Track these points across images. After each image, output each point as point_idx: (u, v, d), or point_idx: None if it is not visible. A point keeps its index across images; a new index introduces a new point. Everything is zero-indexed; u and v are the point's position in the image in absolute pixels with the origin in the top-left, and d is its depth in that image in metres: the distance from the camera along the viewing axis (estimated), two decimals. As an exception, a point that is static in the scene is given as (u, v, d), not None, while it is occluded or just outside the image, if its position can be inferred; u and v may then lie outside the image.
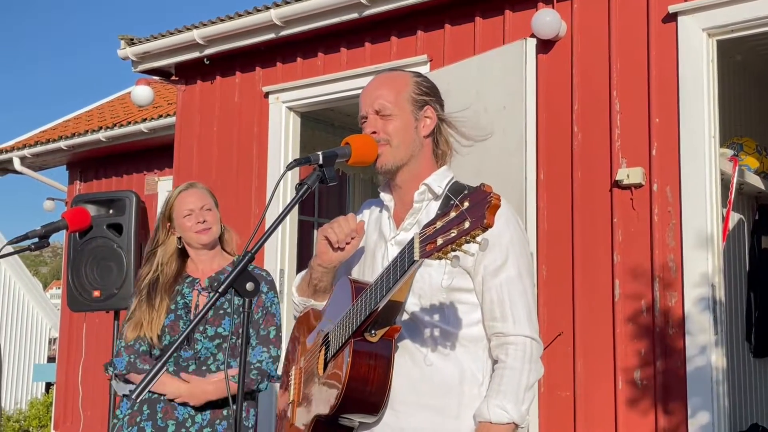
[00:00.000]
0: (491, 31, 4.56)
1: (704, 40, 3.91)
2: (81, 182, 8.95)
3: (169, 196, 2.93)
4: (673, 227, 3.86)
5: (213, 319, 2.82)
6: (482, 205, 1.45)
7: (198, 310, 2.84)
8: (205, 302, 1.72)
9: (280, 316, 2.92)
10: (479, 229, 1.45)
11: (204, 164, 5.83)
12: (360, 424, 1.87)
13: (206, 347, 2.81)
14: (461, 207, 1.49)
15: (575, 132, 4.20)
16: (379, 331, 1.76)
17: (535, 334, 1.87)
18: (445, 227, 1.51)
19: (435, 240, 1.52)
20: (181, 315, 2.83)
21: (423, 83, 2.00)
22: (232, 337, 2.82)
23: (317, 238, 1.99)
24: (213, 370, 2.81)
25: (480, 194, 1.48)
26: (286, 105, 5.46)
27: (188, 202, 2.86)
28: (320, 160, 1.83)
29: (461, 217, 1.48)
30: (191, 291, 2.87)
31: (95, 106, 10.54)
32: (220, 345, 2.81)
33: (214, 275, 2.90)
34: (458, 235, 1.47)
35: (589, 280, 4.07)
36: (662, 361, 3.82)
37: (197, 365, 2.81)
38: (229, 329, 2.81)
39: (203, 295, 2.86)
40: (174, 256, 2.89)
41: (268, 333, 2.86)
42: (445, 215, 1.52)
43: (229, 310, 2.83)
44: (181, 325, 2.81)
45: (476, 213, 1.46)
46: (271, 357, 2.83)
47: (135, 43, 5.92)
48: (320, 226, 6.65)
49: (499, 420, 1.79)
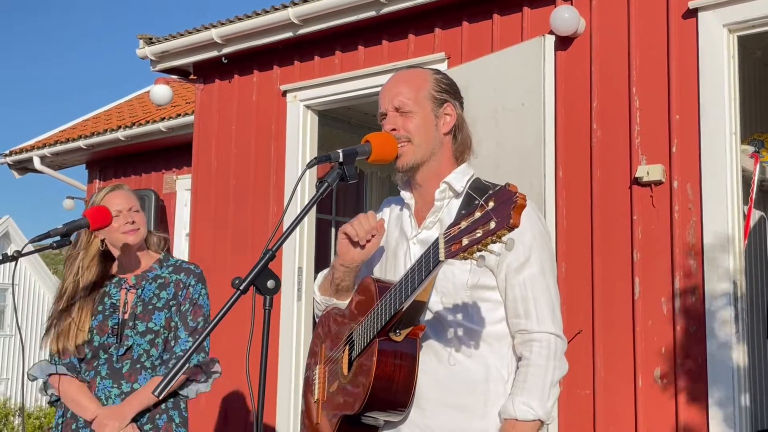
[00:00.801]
0: (509, 29, 4.54)
1: (724, 36, 3.88)
2: (100, 181, 9.01)
3: (93, 199, 2.89)
4: (693, 225, 3.83)
5: (143, 314, 2.83)
6: (508, 205, 1.45)
7: (126, 308, 2.85)
8: (226, 305, 1.71)
9: (208, 308, 2.95)
10: (505, 229, 1.45)
11: (222, 163, 5.85)
12: (385, 423, 1.87)
13: (138, 344, 2.82)
14: (486, 207, 1.49)
15: (594, 129, 4.18)
16: (403, 331, 1.77)
17: (559, 330, 1.87)
18: (470, 227, 1.51)
19: (460, 240, 1.52)
20: (109, 315, 2.83)
21: (443, 80, 2.00)
22: (164, 331, 2.85)
23: (338, 238, 1.99)
24: (147, 366, 2.82)
25: (505, 194, 1.47)
26: (304, 103, 5.47)
27: (116, 204, 2.84)
28: (340, 157, 1.83)
29: (487, 218, 1.48)
30: (119, 291, 2.88)
31: (114, 105, 10.61)
32: (153, 340, 2.83)
33: (141, 273, 2.91)
34: (484, 236, 1.47)
35: (609, 278, 4.04)
36: (683, 359, 3.80)
37: (131, 364, 2.82)
38: (160, 324, 2.84)
39: (131, 292, 2.87)
40: (95, 259, 2.87)
41: (196, 324, 2.89)
42: (470, 215, 1.52)
43: (159, 305, 2.85)
44: (110, 324, 2.81)
45: (502, 213, 1.46)
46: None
47: (154, 43, 5.95)
48: (338, 224, 6.65)
49: (525, 417, 1.79)
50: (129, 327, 2.81)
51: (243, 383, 5.50)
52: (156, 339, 2.83)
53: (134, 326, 2.81)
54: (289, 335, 5.28)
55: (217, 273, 5.71)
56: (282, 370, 5.24)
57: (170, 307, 2.86)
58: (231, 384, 5.56)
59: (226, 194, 5.79)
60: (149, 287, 2.88)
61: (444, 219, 1.93)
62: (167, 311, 2.85)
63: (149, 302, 2.85)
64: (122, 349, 2.81)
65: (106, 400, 2.80)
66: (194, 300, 2.90)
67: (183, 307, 2.88)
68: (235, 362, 5.52)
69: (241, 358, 5.57)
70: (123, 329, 2.81)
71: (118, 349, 2.80)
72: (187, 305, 2.89)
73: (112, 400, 2.79)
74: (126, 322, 2.82)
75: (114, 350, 2.80)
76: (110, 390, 2.81)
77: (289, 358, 5.26)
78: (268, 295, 1.73)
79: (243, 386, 5.50)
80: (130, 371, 2.81)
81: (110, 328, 2.80)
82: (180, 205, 8.14)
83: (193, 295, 2.90)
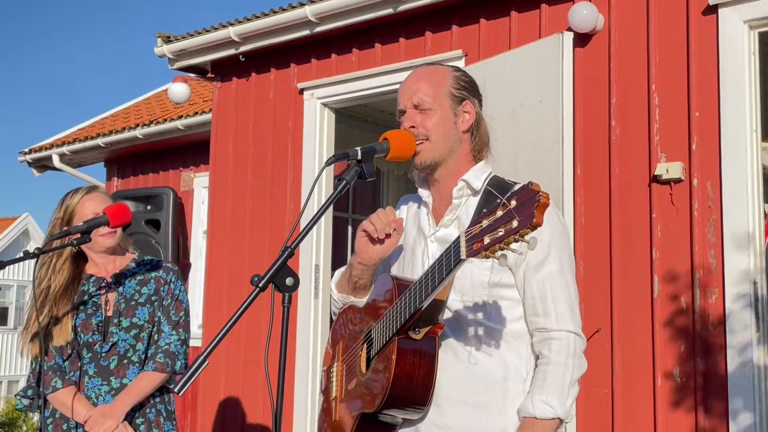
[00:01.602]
0: (527, 26, 4.52)
1: (745, 32, 3.84)
2: (118, 179, 9.07)
3: (68, 201, 2.87)
4: (713, 223, 3.80)
5: (126, 310, 2.87)
6: (531, 204, 1.44)
7: (109, 305, 2.86)
8: (245, 302, 1.71)
9: (187, 303, 3.02)
10: (528, 228, 1.44)
11: (239, 160, 5.87)
12: (403, 421, 1.87)
13: (123, 339, 2.85)
14: (509, 206, 1.48)
15: (613, 126, 4.15)
16: (423, 329, 1.76)
17: (578, 329, 1.86)
18: (492, 226, 1.50)
19: (482, 239, 1.51)
20: (92, 313, 2.85)
21: (462, 78, 1.99)
22: (148, 325, 2.89)
23: (357, 235, 1.99)
24: (135, 361, 2.86)
25: (528, 193, 1.47)
26: (321, 101, 5.47)
27: (93, 207, 2.83)
28: (359, 155, 1.83)
29: (509, 216, 1.47)
30: (98, 290, 2.89)
31: (132, 103, 10.66)
32: (138, 335, 2.87)
33: (119, 272, 2.93)
34: (506, 234, 1.46)
35: (628, 277, 4.02)
36: (702, 359, 3.77)
37: (118, 359, 2.84)
38: (144, 318, 2.88)
39: (112, 290, 2.90)
40: (68, 261, 2.87)
41: (179, 318, 2.95)
42: (492, 213, 1.51)
43: (141, 300, 2.89)
44: (94, 322, 2.83)
45: (525, 212, 1.45)
46: (179, 339, 2.92)
47: (171, 41, 5.97)
48: (354, 222, 6.66)
49: (544, 415, 1.78)
50: (113, 324, 2.85)
51: (259, 380, 5.52)
52: (141, 333, 2.87)
53: (118, 323, 2.85)
54: (306, 332, 5.29)
55: (234, 270, 5.73)
56: (299, 366, 5.25)
57: (152, 302, 2.92)
58: (247, 380, 5.58)
59: (244, 192, 5.80)
60: (129, 284, 2.93)
61: (462, 217, 1.92)
62: (150, 306, 2.91)
63: (131, 298, 2.90)
64: (107, 345, 2.84)
65: (96, 398, 2.82)
66: (176, 295, 2.98)
67: (165, 302, 2.95)
68: (252, 359, 5.55)
69: (255, 355, 5.60)
70: (107, 326, 2.85)
71: (103, 346, 2.83)
72: (169, 300, 2.95)
73: (103, 398, 2.82)
74: (110, 319, 2.86)
75: (98, 347, 2.83)
76: (100, 388, 2.83)
77: (306, 354, 5.27)
78: (287, 292, 1.72)
79: (258, 383, 5.51)
80: (118, 367, 2.85)
81: (94, 326, 2.83)
82: (197, 202, 8.18)
83: (174, 291, 2.97)
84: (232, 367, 5.63)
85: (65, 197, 2.91)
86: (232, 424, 5.68)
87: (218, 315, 5.75)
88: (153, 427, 2.87)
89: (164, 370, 2.83)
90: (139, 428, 2.84)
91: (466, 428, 1.84)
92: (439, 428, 1.85)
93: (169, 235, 4.40)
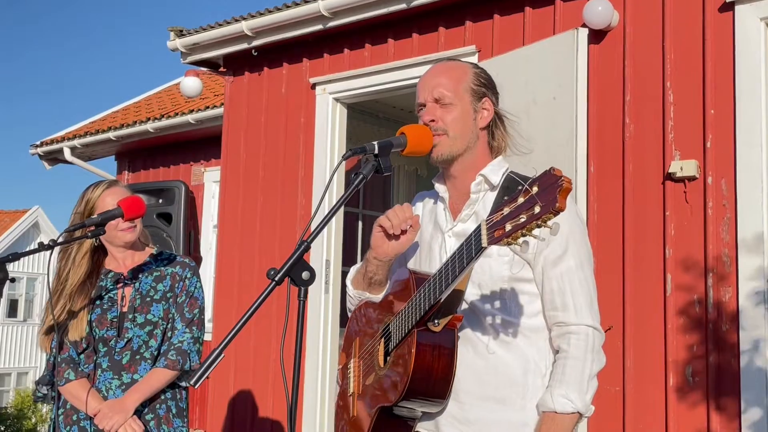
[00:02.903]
0: (541, 22, 4.50)
1: (762, 30, 3.81)
2: (129, 172, 9.09)
3: (89, 195, 2.86)
4: (727, 221, 3.78)
5: (141, 306, 2.85)
6: (553, 188, 1.43)
7: (125, 301, 2.86)
8: (261, 295, 1.70)
9: (203, 300, 2.97)
10: (551, 213, 1.42)
11: (251, 155, 5.87)
12: (422, 414, 1.86)
13: (138, 335, 2.84)
14: (531, 191, 1.47)
15: (627, 123, 4.13)
16: (442, 321, 1.76)
17: (597, 323, 1.86)
18: (514, 213, 1.48)
19: (503, 226, 1.50)
20: (108, 309, 2.84)
21: (482, 74, 1.99)
22: (163, 322, 2.87)
23: (373, 230, 1.98)
24: (147, 357, 2.85)
25: (550, 178, 1.45)
26: (333, 96, 5.46)
27: (113, 201, 2.79)
28: (376, 149, 1.82)
29: (531, 202, 1.46)
30: (115, 285, 2.88)
31: (143, 97, 10.69)
32: (152, 332, 2.85)
33: (136, 267, 2.92)
34: (528, 221, 1.45)
35: (641, 274, 4.00)
36: (715, 357, 3.75)
37: (131, 355, 2.84)
38: (158, 315, 2.86)
39: (129, 286, 2.88)
40: (88, 254, 2.87)
41: (193, 316, 2.91)
42: (513, 201, 1.50)
43: (156, 297, 2.87)
44: (109, 317, 2.83)
45: (547, 197, 1.43)
46: (192, 338, 2.89)
47: (184, 35, 5.98)
48: (365, 217, 6.66)
49: (564, 410, 1.78)
50: (128, 320, 2.84)
51: (268, 374, 5.52)
52: (155, 330, 2.86)
53: (134, 319, 2.84)
54: (317, 328, 5.29)
55: (245, 265, 5.74)
56: (309, 362, 5.25)
57: (167, 298, 2.90)
58: (257, 375, 5.59)
59: (255, 186, 5.81)
60: (146, 280, 2.91)
61: (479, 212, 1.92)
62: (165, 303, 2.89)
63: (147, 294, 2.88)
64: (122, 341, 2.83)
65: (107, 391, 2.83)
66: (190, 292, 2.94)
67: (180, 299, 2.91)
68: (262, 354, 5.55)
69: (265, 350, 5.60)
70: (122, 322, 2.84)
71: (118, 342, 2.83)
72: (183, 297, 2.92)
73: (113, 392, 2.83)
74: (125, 315, 2.85)
75: (114, 343, 2.83)
76: (111, 381, 2.84)
77: (316, 349, 5.27)
78: (303, 286, 1.71)
79: (268, 377, 5.52)
80: (130, 362, 2.84)
81: (109, 322, 2.83)
82: (207, 197, 8.19)
83: (189, 288, 2.94)
84: (242, 362, 5.64)
85: (86, 191, 2.89)
86: (242, 419, 5.69)
87: (228, 310, 5.75)
88: (162, 423, 2.87)
89: (175, 367, 2.82)
90: (149, 424, 2.84)
91: (486, 422, 1.83)
92: (459, 422, 1.85)
93: (181, 229, 4.41)
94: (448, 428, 1.86)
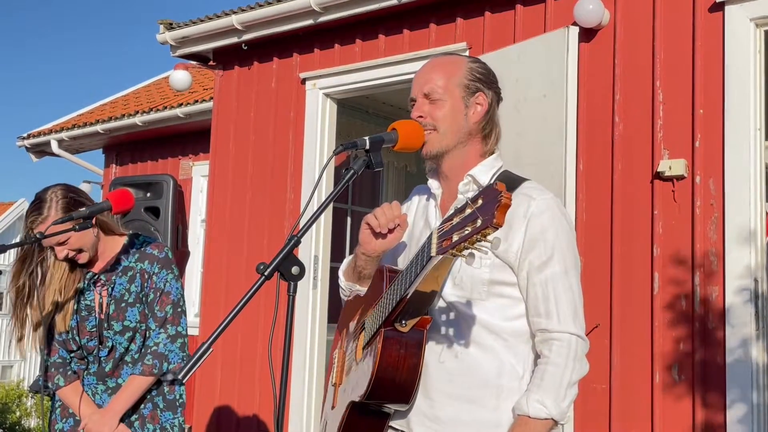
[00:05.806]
0: (532, 19, 4.50)
1: (751, 30, 3.83)
2: (117, 166, 9.05)
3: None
4: (715, 220, 3.80)
5: (116, 313, 2.79)
6: (493, 204, 1.42)
7: (102, 308, 2.81)
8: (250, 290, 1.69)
9: (176, 291, 2.85)
10: (490, 228, 1.41)
11: (240, 149, 5.85)
12: (395, 411, 1.87)
13: (119, 342, 2.80)
14: (474, 205, 1.46)
15: (616, 122, 4.14)
16: (409, 321, 1.75)
17: (581, 331, 1.83)
18: (461, 224, 1.48)
19: (451, 237, 1.49)
20: (86, 317, 2.80)
21: (478, 69, 1.97)
22: (141, 325, 2.81)
23: (361, 227, 1.98)
24: (128, 361, 2.82)
25: (491, 193, 1.44)
26: (323, 91, 5.45)
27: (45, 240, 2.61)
28: (367, 145, 1.81)
29: (474, 216, 1.45)
30: (92, 291, 2.83)
31: (131, 90, 10.64)
32: (132, 337, 2.81)
33: (110, 266, 2.83)
34: (471, 233, 1.44)
35: (628, 273, 4.01)
36: (701, 355, 3.77)
37: (114, 362, 2.83)
38: (135, 320, 2.80)
39: (104, 290, 2.81)
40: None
41: (165, 314, 2.82)
42: (461, 212, 1.50)
43: (130, 300, 2.81)
44: (88, 327, 2.79)
45: (487, 212, 1.43)
46: (168, 337, 2.81)
47: (174, 28, 5.94)
48: (354, 213, 6.65)
49: (537, 415, 1.76)
50: (106, 328, 2.80)
51: (254, 372, 5.51)
52: (134, 335, 2.82)
53: (110, 326, 2.80)
54: (305, 323, 5.28)
55: (233, 260, 5.72)
56: (296, 357, 5.25)
57: (141, 300, 2.83)
58: (243, 372, 5.58)
59: (244, 181, 5.79)
60: (119, 282, 2.83)
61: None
62: (140, 305, 2.81)
63: (121, 299, 2.81)
64: (105, 350, 2.81)
65: (93, 395, 2.83)
66: (159, 288, 2.83)
67: (149, 298, 2.83)
68: (249, 351, 5.53)
69: (252, 347, 5.58)
70: (101, 330, 2.80)
71: (101, 350, 2.81)
72: (152, 295, 2.82)
73: (99, 396, 2.83)
74: (102, 323, 2.81)
75: (97, 352, 2.81)
76: (96, 386, 2.84)
77: (303, 345, 5.27)
78: (292, 281, 1.70)
79: (254, 375, 5.51)
80: (113, 368, 2.83)
81: (89, 332, 2.79)
82: (195, 191, 8.16)
83: (157, 284, 2.83)
84: (228, 357, 5.62)
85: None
86: (227, 414, 5.68)
87: (216, 304, 5.74)
88: (147, 422, 2.84)
89: (152, 372, 2.77)
90: (134, 425, 2.83)
91: (458, 422, 1.83)
92: (430, 420, 1.84)
93: (169, 223, 4.39)
94: (419, 426, 1.86)
